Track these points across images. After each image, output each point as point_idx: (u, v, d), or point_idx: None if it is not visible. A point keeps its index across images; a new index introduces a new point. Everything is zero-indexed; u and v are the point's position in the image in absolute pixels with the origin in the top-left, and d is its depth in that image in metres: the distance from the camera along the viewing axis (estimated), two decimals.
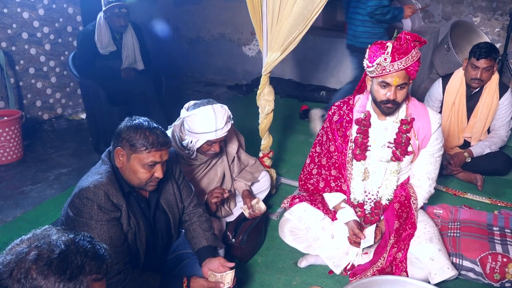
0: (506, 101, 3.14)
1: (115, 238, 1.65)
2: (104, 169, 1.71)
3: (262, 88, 2.63)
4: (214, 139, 2.11)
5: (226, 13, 5.71)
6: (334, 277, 2.27)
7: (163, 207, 1.89)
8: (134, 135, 1.65)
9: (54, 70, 4.39)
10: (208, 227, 2.00)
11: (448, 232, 2.37)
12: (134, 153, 1.66)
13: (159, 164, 1.69)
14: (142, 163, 1.66)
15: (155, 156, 1.66)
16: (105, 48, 3.62)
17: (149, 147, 1.64)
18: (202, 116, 2.08)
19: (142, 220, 1.78)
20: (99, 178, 1.66)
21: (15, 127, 3.51)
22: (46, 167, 3.49)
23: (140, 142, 1.64)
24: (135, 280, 1.70)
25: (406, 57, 1.91)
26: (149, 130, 1.66)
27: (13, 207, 2.94)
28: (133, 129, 1.66)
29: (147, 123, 1.69)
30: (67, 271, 0.97)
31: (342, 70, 5.20)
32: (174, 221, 1.93)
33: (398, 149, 2.11)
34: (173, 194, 1.92)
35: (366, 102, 2.18)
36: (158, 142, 1.66)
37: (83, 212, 1.62)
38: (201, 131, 2.09)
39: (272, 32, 2.46)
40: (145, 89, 3.72)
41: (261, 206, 2.40)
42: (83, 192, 1.62)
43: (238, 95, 5.37)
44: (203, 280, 1.80)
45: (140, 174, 1.68)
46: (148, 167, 1.67)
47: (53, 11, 4.27)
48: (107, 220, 1.63)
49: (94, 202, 1.61)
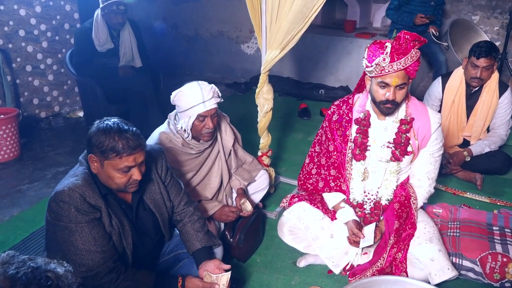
0: (505, 100, 3.13)
1: (99, 238, 1.62)
2: (80, 170, 1.67)
3: (261, 87, 2.62)
4: (204, 111, 2.12)
5: (224, 11, 5.68)
6: (333, 277, 2.26)
7: (150, 207, 1.84)
8: (103, 141, 1.57)
9: (51, 67, 4.36)
10: (200, 227, 1.95)
11: (447, 232, 2.36)
12: (106, 159, 1.59)
13: (134, 167, 1.63)
14: (116, 168, 1.60)
15: (128, 160, 1.59)
16: (103, 45, 3.60)
17: (120, 152, 1.57)
18: (188, 91, 2.13)
19: (126, 220, 1.74)
20: (74, 180, 1.62)
21: (11, 125, 3.49)
22: (43, 166, 3.46)
23: (110, 148, 1.56)
24: (129, 279, 1.67)
25: (405, 57, 1.90)
26: (118, 134, 1.58)
27: (10, 206, 2.92)
28: (102, 135, 1.58)
29: (116, 126, 1.60)
30: None
31: (340, 68, 5.19)
32: (163, 220, 1.88)
33: (397, 149, 2.10)
34: (159, 193, 1.87)
35: (366, 101, 2.17)
36: (129, 147, 1.58)
37: (62, 216, 1.58)
38: (190, 105, 2.11)
39: (271, 30, 2.44)
40: (143, 87, 3.70)
41: (247, 207, 2.38)
42: (59, 196, 1.58)
43: (237, 93, 5.35)
44: (198, 280, 1.78)
45: (116, 180, 1.62)
46: (124, 172, 1.61)
47: (50, 8, 4.24)
48: (86, 221, 1.59)
49: (71, 205, 1.57)
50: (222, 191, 2.49)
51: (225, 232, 2.33)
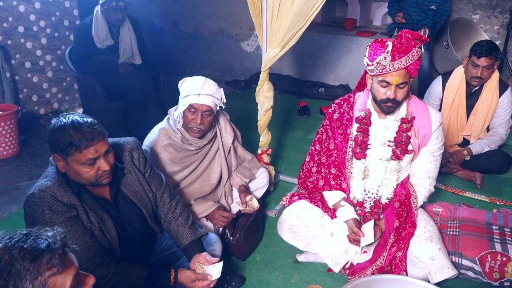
0: (506, 99, 3.13)
1: (80, 236, 1.60)
2: (50, 171, 1.65)
3: (261, 85, 2.61)
4: (196, 103, 2.12)
5: (224, 8, 5.67)
6: (333, 275, 2.26)
7: (131, 199, 1.82)
8: (60, 138, 1.54)
9: (50, 64, 4.35)
10: (183, 222, 1.92)
11: (447, 231, 2.36)
12: (68, 156, 1.56)
13: (99, 158, 1.59)
14: (81, 163, 1.56)
15: (89, 152, 1.55)
16: (102, 42, 3.58)
17: (79, 146, 1.53)
18: (193, 80, 2.20)
19: (106, 214, 1.72)
20: (44, 182, 1.60)
21: (10, 122, 3.48)
22: (42, 163, 3.45)
23: (68, 144, 1.53)
24: (121, 272, 1.66)
25: (406, 56, 1.89)
26: (73, 129, 1.54)
27: (8, 202, 2.91)
28: (58, 132, 1.55)
29: (70, 121, 1.57)
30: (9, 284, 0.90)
31: (340, 66, 5.19)
32: (147, 212, 1.86)
33: (398, 148, 2.10)
34: (139, 184, 1.84)
35: (367, 100, 2.16)
36: (86, 138, 1.54)
37: (37, 219, 1.56)
38: (187, 93, 2.15)
39: (272, 27, 2.43)
40: (142, 84, 3.69)
41: (254, 203, 2.38)
42: (30, 200, 1.57)
43: (237, 91, 5.34)
44: (191, 272, 1.77)
45: (84, 174, 1.59)
46: (89, 165, 1.58)
47: (49, 5, 4.23)
48: (63, 221, 1.57)
49: (44, 207, 1.55)
50: (221, 187, 2.48)
51: (225, 230, 2.33)
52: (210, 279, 1.74)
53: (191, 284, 1.74)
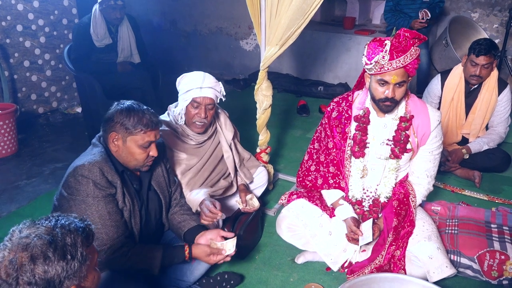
0: (504, 98, 3.13)
1: (113, 213, 1.70)
2: (96, 150, 1.76)
3: (260, 83, 2.61)
4: (199, 97, 2.14)
5: (223, 7, 5.66)
6: (332, 274, 2.26)
7: (154, 188, 1.94)
8: (127, 119, 1.70)
9: (49, 63, 4.34)
10: (192, 213, 2.05)
11: (446, 229, 2.37)
12: (130, 135, 1.71)
13: (153, 143, 1.76)
14: (139, 144, 1.72)
15: (150, 136, 1.73)
16: (101, 40, 3.58)
17: (144, 128, 1.71)
18: (192, 75, 2.22)
19: (136, 199, 1.83)
20: (92, 157, 1.71)
21: (9, 121, 3.47)
22: (41, 162, 3.45)
23: (135, 124, 1.70)
24: (138, 253, 1.74)
25: (404, 55, 1.89)
26: (141, 112, 1.73)
27: (7, 201, 2.91)
28: (125, 113, 1.71)
29: (137, 106, 1.75)
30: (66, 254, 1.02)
31: (339, 65, 5.18)
32: (165, 203, 1.98)
33: (397, 147, 2.09)
34: (162, 176, 1.98)
35: (365, 98, 2.16)
36: (152, 122, 1.73)
37: (80, 190, 1.65)
38: (188, 88, 2.16)
39: (270, 26, 2.43)
40: (141, 83, 3.69)
41: (254, 202, 2.39)
42: (78, 170, 1.66)
43: (236, 89, 5.34)
44: (205, 246, 1.81)
45: (137, 155, 1.74)
46: (144, 148, 1.74)
47: (48, 3, 4.22)
48: (103, 196, 1.68)
49: (90, 179, 1.65)
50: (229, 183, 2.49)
51: (224, 229, 2.33)
52: (224, 253, 1.80)
53: (205, 258, 1.80)
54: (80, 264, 1.04)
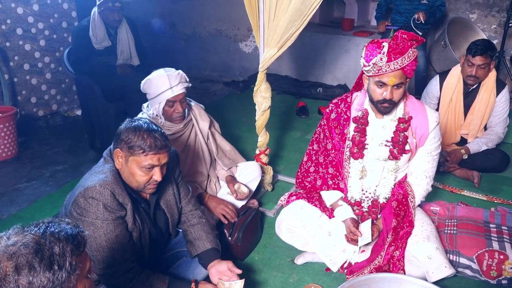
0: (503, 98, 3.14)
1: (121, 237, 1.65)
2: (108, 168, 1.69)
3: (259, 85, 2.62)
4: (172, 96, 2.22)
5: (222, 9, 5.67)
6: (331, 275, 2.27)
7: (162, 207, 1.88)
8: (132, 137, 1.62)
9: (49, 66, 4.35)
10: (209, 229, 1.99)
11: (445, 229, 2.37)
12: (131, 155, 1.63)
13: (157, 167, 1.66)
14: (140, 165, 1.63)
15: (152, 159, 1.63)
16: (100, 43, 3.59)
17: (147, 149, 1.61)
18: (155, 78, 2.24)
19: (145, 219, 1.78)
20: (104, 177, 1.64)
21: (9, 124, 3.48)
22: (41, 164, 3.46)
23: (138, 144, 1.61)
24: (143, 281, 1.69)
25: (402, 57, 1.89)
26: (147, 133, 1.63)
27: (8, 204, 2.92)
28: (132, 131, 1.63)
29: (146, 125, 1.66)
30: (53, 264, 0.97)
31: (338, 66, 5.19)
32: (172, 221, 1.93)
33: (395, 148, 2.10)
34: (173, 195, 1.91)
35: (364, 100, 2.17)
36: (156, 146, 1.62)
37: (89, 211, 1.60)
38: (158, 92, 2.21)
39: (269, 28, 2.44)
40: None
41: (243, 189, 2.48)
42: (89, 192, 1.60)
43: (235, 91, 5.35)
44: (211, 286, 1.79)
45: (138, 177, 1.66)
46: (146, 170, 1.65)
47: (47, 7, 4.23)
48: (113, 219, 1.63)
49: (100, 201, 1.60)
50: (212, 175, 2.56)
51: (224, 230, 2.34)
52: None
53: None
54: (68, 274, 0.99)
